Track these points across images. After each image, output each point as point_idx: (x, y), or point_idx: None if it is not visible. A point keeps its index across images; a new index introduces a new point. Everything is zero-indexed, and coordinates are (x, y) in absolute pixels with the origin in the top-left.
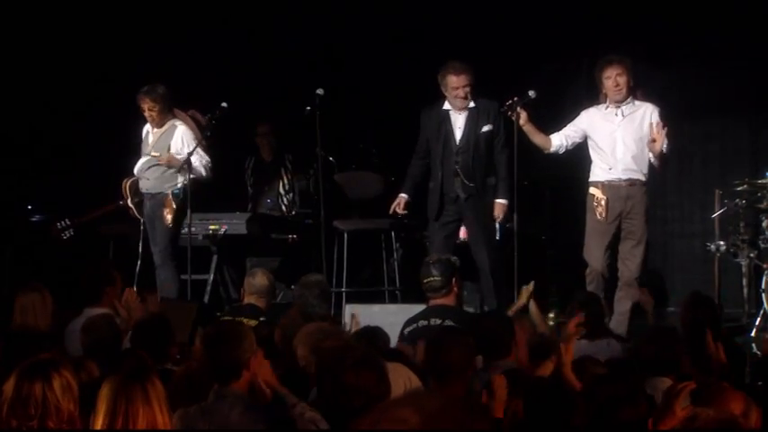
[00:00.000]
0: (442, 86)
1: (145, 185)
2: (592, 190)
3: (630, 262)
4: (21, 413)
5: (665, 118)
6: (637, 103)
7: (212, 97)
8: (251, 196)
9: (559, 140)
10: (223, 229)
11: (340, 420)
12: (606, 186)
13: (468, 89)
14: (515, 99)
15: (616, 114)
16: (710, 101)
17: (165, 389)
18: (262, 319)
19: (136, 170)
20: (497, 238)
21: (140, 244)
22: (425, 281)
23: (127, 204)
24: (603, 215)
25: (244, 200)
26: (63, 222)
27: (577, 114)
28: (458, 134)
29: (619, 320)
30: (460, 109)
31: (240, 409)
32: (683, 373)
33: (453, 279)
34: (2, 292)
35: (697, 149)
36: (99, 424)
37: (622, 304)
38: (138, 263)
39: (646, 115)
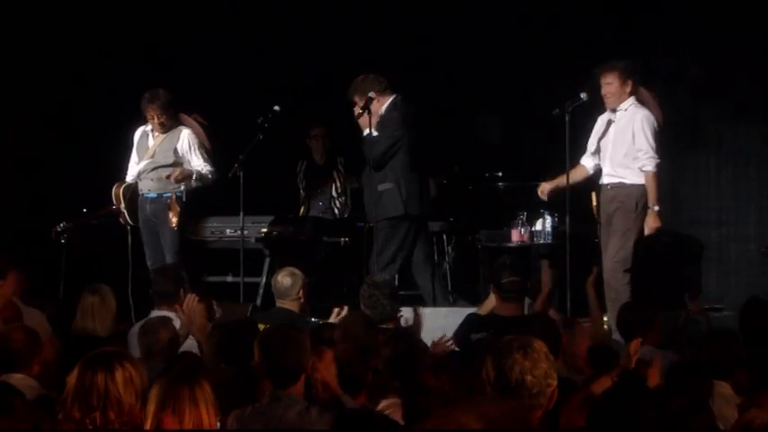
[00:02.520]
0: None
1: (147, 186)
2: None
3: (607, 257)
4: (83, 404)
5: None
6: (631, 109)
7: (265, 100)
8: (303, 199)
9: (591, 160)
10: (275, 232)
11: (418, 421)
12: (598, 190)
13: (356, 108)
14: (567, 102)
15: (611, 119)
16: (767, 102)
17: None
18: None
19: (133, 174)
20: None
21: (129, 250)
22: (505, 281)
23: (119, 209)
24: (597, 218)
25: (296, 203)
26: (61, 225)
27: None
28: None
29: None
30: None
31: (296, 411)
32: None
33: (528, 284)
34: (57, 293)
35: (753, 151)
36: (147, 425)
37: None
38: (130, 270)
39: (630, 122)
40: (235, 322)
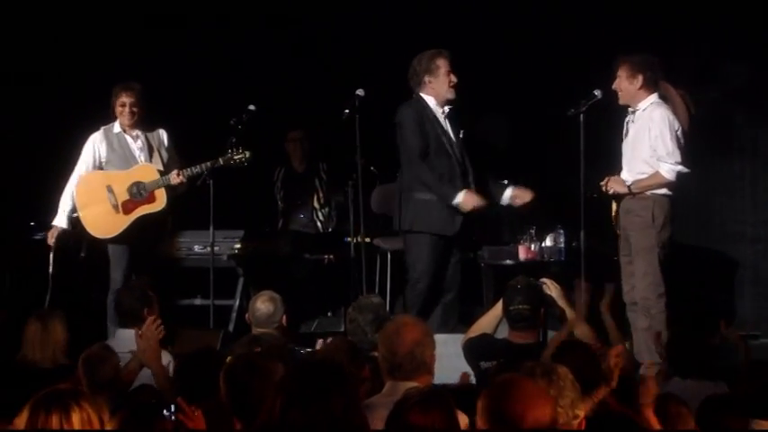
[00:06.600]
0: (428, 73)
1: None
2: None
3: (635, 280)
4: None
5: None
6: (649, 108)
7: (239, 100)
8: (282, 211)
9: None
10: (250, 249)
11: None
12: (619, 198)
13: None
14: (582, 101)
15: (630, 121)
16: None
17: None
18: None
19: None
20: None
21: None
22: (511, 308)
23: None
24: (616, 230)
25: (273, 215)
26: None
27: None
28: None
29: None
30: (443, 104)
31: None
32: None
33: (542, 310)
34: (1, 318)
35: None
36: None
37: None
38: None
39: (647, 122)
40: (197, 353)
